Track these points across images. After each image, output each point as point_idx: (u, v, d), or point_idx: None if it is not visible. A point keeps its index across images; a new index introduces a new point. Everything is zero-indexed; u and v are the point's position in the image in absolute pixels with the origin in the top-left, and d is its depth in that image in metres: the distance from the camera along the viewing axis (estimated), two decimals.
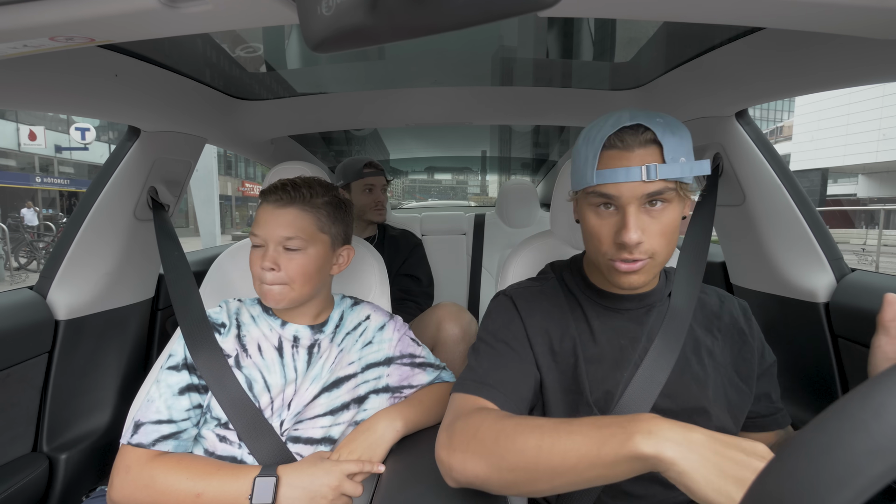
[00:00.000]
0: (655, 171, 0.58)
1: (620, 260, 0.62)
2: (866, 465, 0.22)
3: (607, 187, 0.60)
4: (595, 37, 1.06)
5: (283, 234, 0.78)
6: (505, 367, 0.66)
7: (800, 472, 0.24)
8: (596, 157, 0.61)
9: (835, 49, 0.71)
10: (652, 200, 0.60)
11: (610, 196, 0.61)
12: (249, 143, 1.54)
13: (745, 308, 0.76)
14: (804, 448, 0.25)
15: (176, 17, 0.48)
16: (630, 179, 0.58)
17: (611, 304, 0.72)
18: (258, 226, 0.80)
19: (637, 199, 0.60)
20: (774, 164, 1.04)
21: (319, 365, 0.83)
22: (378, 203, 1.68)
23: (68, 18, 0.46)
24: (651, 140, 0.60)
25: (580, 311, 0.72)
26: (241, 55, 1.06)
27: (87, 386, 1.12)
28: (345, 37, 0.29)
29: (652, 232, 0.61)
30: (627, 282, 0.63)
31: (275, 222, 0.78)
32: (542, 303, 0.73)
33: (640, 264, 0.62)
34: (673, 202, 0.61)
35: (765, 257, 1.09)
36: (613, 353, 0.68)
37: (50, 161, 15.54)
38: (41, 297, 1.05)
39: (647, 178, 0.58)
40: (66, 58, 0.78)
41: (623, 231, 0.59)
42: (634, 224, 0.59)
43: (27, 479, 0.95)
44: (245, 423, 0.76)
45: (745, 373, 0.70)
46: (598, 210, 0.64)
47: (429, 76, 1.29)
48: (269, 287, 0.79)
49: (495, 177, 4.33)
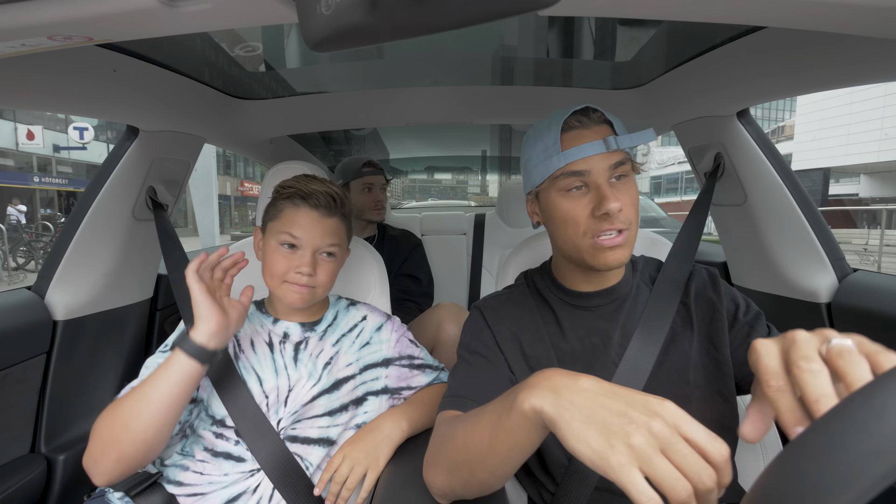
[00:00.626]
0: (615, 142, 0.63)
1: (603, 235, 0.63)
2: (868, 466, 0.22)
3: (577, 164, 0.63)
4: (596, 36, 1.06)
5: (327, 241, 0.80)
6: (476, 376, 0.67)
7: (801, 474, 0.24)
8: (557, 142, 0.65)
9: (836, 48, 0.71)
10: (616, 175, 0.64)
11: (581, 173, 0.64)
12: (248, 142, 1.54)
13: (713, 274, 0.75)
14: (806, 449, 0.25)
15: (175, 16, 0.48)
16: (596, 152, 0.62)
17: (580, 303, 0.72)
18: (298, 228, 0.79)
19: (606, 172, 0.63)
20: (776, 163, 1.04)
21: (306, 360, 0.83)
22: (377, 202, 1.67)
23: (66, 17, 0.46)
24: (602, 119, 0.66)
25: (550, 313, 0.73)
26: (240, 54, 1.06)
27: (85, 386, 1.12)
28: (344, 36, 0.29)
29: (625, 202, 0.63)
30: (614, 257, 0.64)
31: (320, 230, 0.80)
32: (510, 309, 0.74)
33: (623, 237, 0.63)
34: (630, 176, 0.66)
35: (766, 257, 1.09)
36: (585, 351, 0.69)
37: (48, 160, 15.54)
38: (39, 297, 1.05)
39: (609, 149, 0.62)
40: (64, 57, 0.78)
41: (604, 201, 0.62)
42: (612, 193, 0.62)
43: (25, 480, 0.95)
44: (248, 422, 0.76)
45: (718, 341, 0.68)
46: (568, 194, 0.65)
47: (429, 75, 1.29)
48: (298, 288, 0.79)
49: (495, 176, 4.33)
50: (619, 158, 0.64)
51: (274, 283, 0.81)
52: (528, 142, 0.71)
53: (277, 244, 0.80)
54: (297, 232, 0.79)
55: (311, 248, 0.79)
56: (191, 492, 0.74)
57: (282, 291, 0.80)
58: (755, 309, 0.70)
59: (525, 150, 0.72)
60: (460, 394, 0.65)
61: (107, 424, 0.68)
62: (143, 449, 0.67)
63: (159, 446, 0.70)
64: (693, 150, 1.19)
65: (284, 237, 0.79)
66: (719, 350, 0.68)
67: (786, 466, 0.25)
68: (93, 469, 0.67)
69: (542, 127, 0.68)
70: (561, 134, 0.65)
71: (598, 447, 0.36)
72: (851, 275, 1.01)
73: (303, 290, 0.79)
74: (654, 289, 0.73)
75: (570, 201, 0.65)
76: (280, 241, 0.80)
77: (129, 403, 0.68)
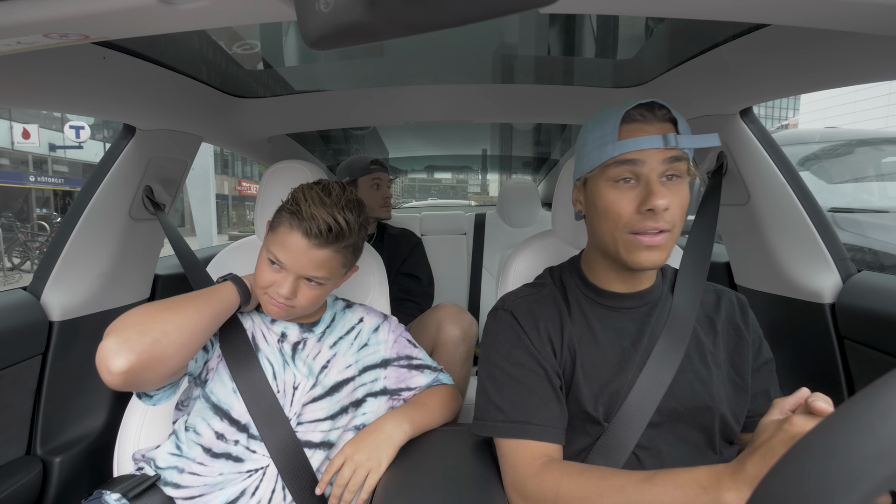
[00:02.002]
0: (675, 140, 0.61)
1: (643, 233, 0.62)
2: (872, 468, 0.22)
3: (631, 154, 0.62)
4: (597, 33, 1.06)
5: (313, 273, 0.76)
6: (530, 394, 0.66)
7: (805, 476, 0.24)
8: (615, 131, 0.63)
9: (841, 46, 0.71)
10: (668, 175, 0.63)
11: (634, 163, 0.62)
12: (246, 141, 1.54)
13: (743, 302, 0.75)
14: (809, 451, 0.25)
15: (172, 13, 0.48)
16: (653, 146, 0.61)
17: (612, 304, 0.71)
18: (285, 251, 0.75)
19: (659, 167, 0.62)
20: (779, 162, 1.04)
21: (303, 361, 0.83)
22: (386, 199, 1.69)
23: (63, 15, 0.46)
24: (666, 117, 0.64)
25: (580, 314, 0.72)
26: (238, 52, 1.06)
27: (81, 388, 1.12)
28: (343, 33, 0.29)
29: (673, 203, 0.62)
30: (650, 258, 0.63)
31: (307, 260, 0.75)
32: (542, 311, 0.73)
33: (663, 237, 0.62)
34: (683, 178, 0.64)
35: (769, 257, 1.09)
36: (615, 355, 0.68)
37: (44, 160, 15.54)
38: (35, 297, 1.05)
39: (668, 146, 0.61)
40: (60, 55, 0.78)
41: (651, 197, 0.60)
42: (661, 190, 0.61)
43: (20, 482, 0.95)
44: (262, 408, 0.77)
45: (741, 369, 0.70)
46: (617, 185, 0.64)
47: (429, 73, 1.29)
48: (276, 303, 0.78)
49: (496, 176, 4.33)
50: (676, 155, 0.62)
51: (258, 293, 0.82)
52: (587, 128, 0.70)
53: (266, 257, 0.78)
54: (283, 256, 0.76)
55: (294, 274, 0.77)
56: (189, 494, 0.74)
57: (262, 300, 0.81)
58: (768, 354, 0.73)
59: (582, 136, 0.71)
60: (526, 419, 0.64)
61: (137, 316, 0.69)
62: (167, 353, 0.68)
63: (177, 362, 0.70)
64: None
65: (271, 255, 0.77)
66: (741, 377, 0.69)
67: (789, 469, 0.25)
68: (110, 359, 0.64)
69: (604, 115, 0.67)
70: (620, 125, 0.64)
71: None
72: (856, 275, 1.01)
73: (280, 306, 0.78)
74: (675, 296, 0.72)
75: (618, 192, 0.64)
76: (268, 255, 0.78)
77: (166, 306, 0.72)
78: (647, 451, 0.65)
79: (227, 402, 0.78)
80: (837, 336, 0.98)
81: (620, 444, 0.64)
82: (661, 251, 0.63)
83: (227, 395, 0.78)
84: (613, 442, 0.64)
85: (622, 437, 0.64)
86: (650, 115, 0.63)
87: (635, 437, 0.64)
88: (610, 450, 0.64)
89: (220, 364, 0.81)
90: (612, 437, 0.64)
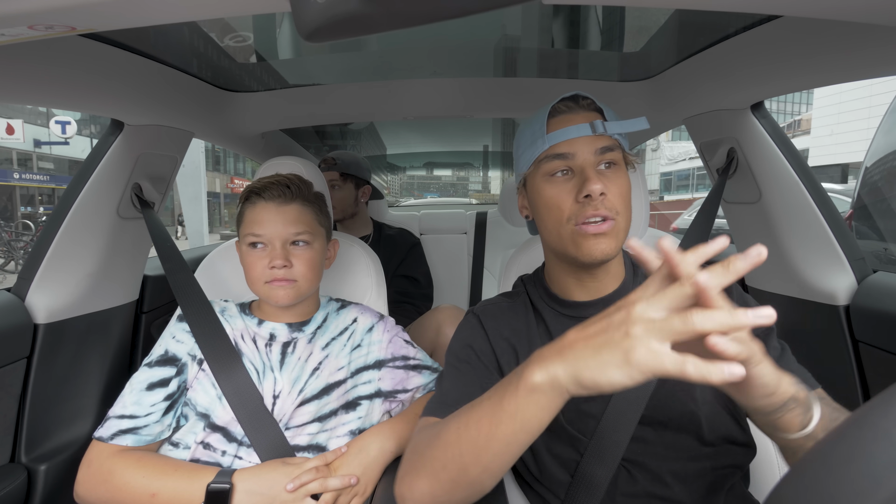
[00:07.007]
0: (603, 127, 0.64)
1: (586, 222, 0.63)
2: (889, 476, 0.22)
3: (561, 146, 0.65)
4: (603, 25, 1.06)
5: (292, 230, 0.81)
6: (466, 384, 0.67)
7: (819, 484, 0.24)
8: (543, 125, 0.67)
9: (856, 38, 0.71)
10: (604, 163, 0.66)
11: (565, 155, 0.65)
12: (239, 137, 1.54)
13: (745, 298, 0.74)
14: (823, 458, 0.25)
15: (161, 4, 0.48)
16: (580, 134, 0.64)
17: (572, 313, 0.71)
18: (259, 225, 0.81)
19: (592, 156, 0.65)
20: (792, 159, 1.04)
21: (293, 365, 0.83)
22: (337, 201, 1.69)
23: (48, 6, 0.46)
24: (591, 107, 0.68)
25: (543, 325, 0.72)
26: (230, 45, 1.06)
27: (67, 393, 1.12)
28: (339, 25, 0.29)
29: (611, 190, 0.64)
30: (598, 247, 0.63)
31: (281, 219, 0.81)
32: (509, 320, 0.74)
33: (608, 225, 0.63)
34: (620, 165, 0.67)
35: (782, 257, 1.09)
36: None
37: (29, 156, 15.55)
38: (19, 299, 1.05)
39: (595, 132, 0.64)
40: (45, 47, 0.78)
41: (586, 183, 0.63)
42: (595, 176, 0.63)
43: (4, 491, 0.95)
44: (248, 412, 0.77)
45: None
46: (553, 179, 0.67)
47: (428, 67, 1.29)
48: (279, 284, 0.80)
49: (498, 173, 4.33)
50: (607, 144, 0.65)
51: (257, 288, 0.83)
52: (519, 130, 0.74)
53: (247, 247, 0.82)
54: (258, 228, 0.81)
55: (279, 240, 0.81)
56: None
57: (266, 293, 0.82)
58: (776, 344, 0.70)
59: (515, 139, 0.74)
60: (448, 402, 0.64)
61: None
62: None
63: None
64: (705, 144, 1.19)
65: (249, 237, 0.82)
66: None
67: (803, 477, 0.25)
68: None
69: (533, 115, 0.71)
70: (548, 119, 0.68)
71: (618, 362, 0.40)
72: (871, 276, 1.01)
73: (285, 284, 0.81)
74: None
75: (555, 186, 0.66)
76: (247, 242, 0.82)
77: None
78: (636, 465, 0.64)
79: (212, 409, 0.78)
80: (852, 339, 0.98)
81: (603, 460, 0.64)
82: (608, 239, 0.64)
83: (212, 401, 0.79)
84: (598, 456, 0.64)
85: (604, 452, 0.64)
86: (575, 105, 0.67)
87: (619, 452, 0.63)
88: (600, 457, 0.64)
89: (202, 373, 0.81)
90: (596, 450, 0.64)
